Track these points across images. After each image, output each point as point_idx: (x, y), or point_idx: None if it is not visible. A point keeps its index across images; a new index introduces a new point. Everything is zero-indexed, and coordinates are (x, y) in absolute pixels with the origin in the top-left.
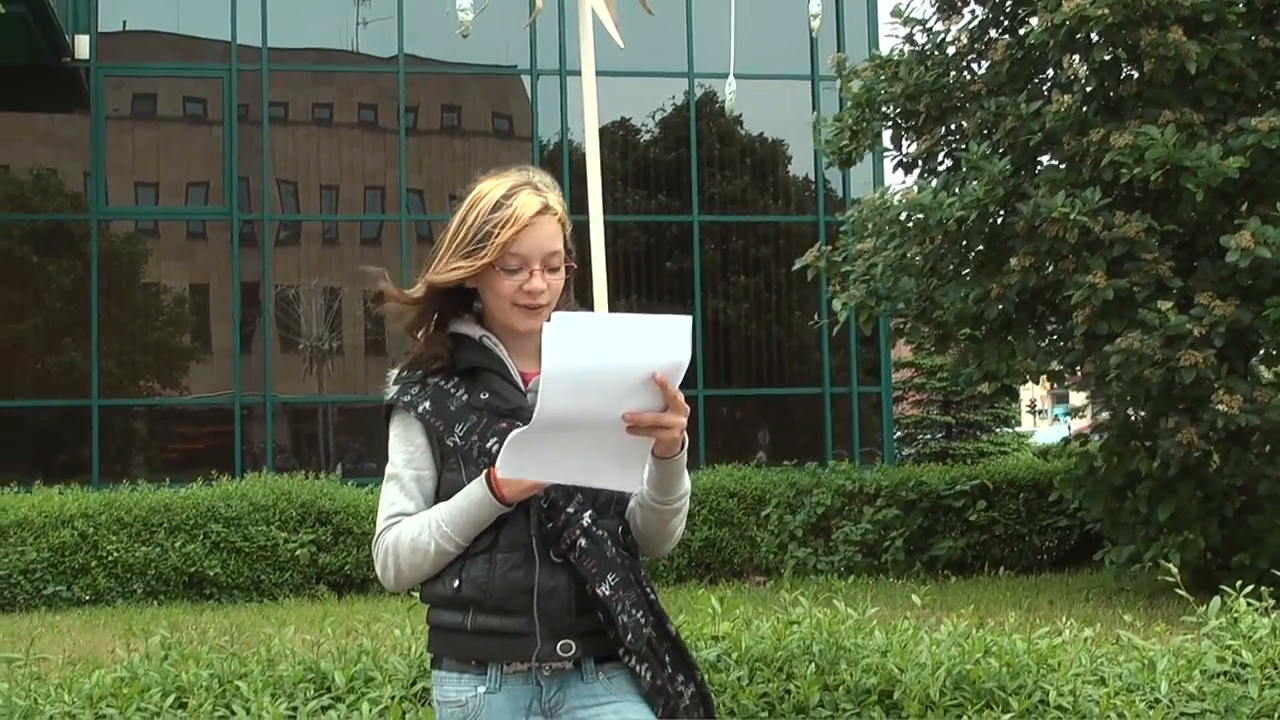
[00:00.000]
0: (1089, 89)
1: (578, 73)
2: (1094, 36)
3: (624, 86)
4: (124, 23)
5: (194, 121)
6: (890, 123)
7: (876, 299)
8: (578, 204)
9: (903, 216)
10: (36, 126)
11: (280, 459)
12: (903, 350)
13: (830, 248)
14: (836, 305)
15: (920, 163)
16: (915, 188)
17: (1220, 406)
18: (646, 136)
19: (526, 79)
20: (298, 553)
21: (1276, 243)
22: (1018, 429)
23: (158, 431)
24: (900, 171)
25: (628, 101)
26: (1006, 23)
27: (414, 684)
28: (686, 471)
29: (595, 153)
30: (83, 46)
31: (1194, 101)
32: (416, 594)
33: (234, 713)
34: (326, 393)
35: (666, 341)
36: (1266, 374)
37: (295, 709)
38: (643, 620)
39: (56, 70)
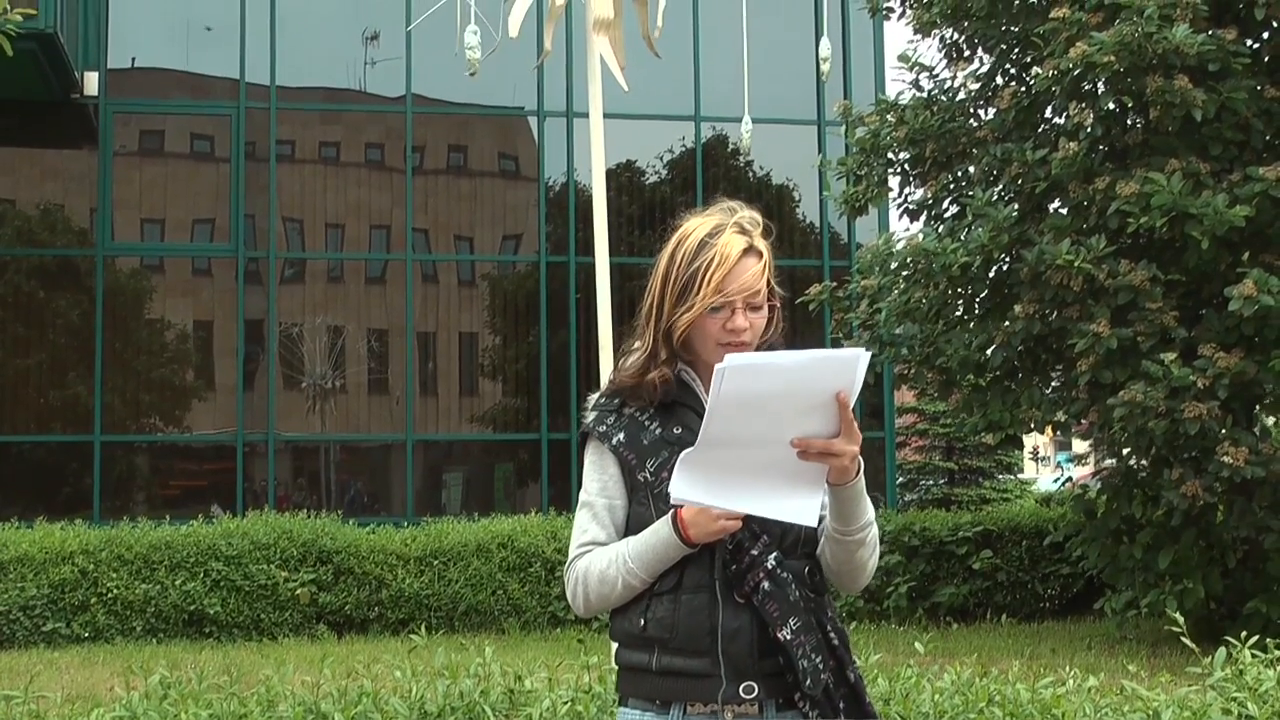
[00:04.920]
0: (1095, 136)
1: (585, 114)
2: (1100, 84)
3: (631, 129)
4: (133, 60)
5: (201, 158)
6: (897, 169)
7: (881, 345)
8: (584, 246)
9: (908, 261)
10: (45, 162)
11: (296, 497)
12: (906, 396)
13: (834, 284)
14: None
15: (926, 209)
16: (920, 234)
17: (1226, 459)
18: (654, 179)
19: (533, 120)
20: (298, 592)
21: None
22: (1020, 476)
23: (160, 468)
24: (906, 219)
25: (635, 144)
26: (1013, 70)
27: None
28: (868, 500)
29: (602, 195)
30: (92, 83)
31: (1200, 150)
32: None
33: None
34: (329, 431)
35: (840, 371)
36: (1271, 426)
37: None
38: (821, 666)
39: (65, 106)
